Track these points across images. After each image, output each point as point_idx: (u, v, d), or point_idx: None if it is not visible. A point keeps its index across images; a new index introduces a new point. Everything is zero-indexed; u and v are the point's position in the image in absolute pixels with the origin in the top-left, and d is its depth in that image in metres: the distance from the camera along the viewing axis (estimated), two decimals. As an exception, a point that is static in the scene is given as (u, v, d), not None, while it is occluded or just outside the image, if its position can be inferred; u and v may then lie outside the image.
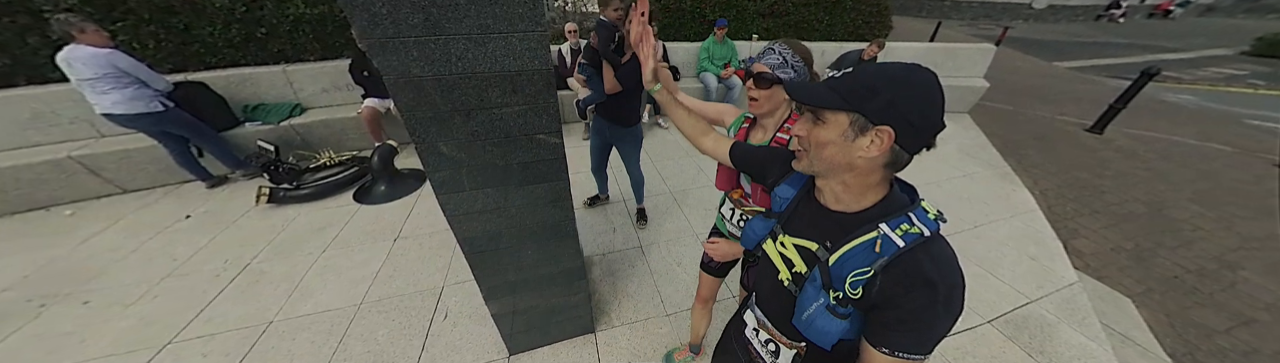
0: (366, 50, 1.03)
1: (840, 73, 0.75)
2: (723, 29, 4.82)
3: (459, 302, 2.34)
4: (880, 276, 0.72)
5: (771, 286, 0.95)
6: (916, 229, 0.72)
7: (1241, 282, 3.00)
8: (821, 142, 0.75)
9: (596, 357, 2.07)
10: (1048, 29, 15.70)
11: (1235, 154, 5.45)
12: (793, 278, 0.88)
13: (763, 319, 1.01)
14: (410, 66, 1.06)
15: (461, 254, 2.40)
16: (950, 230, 3.03)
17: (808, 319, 0.83)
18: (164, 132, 3.26)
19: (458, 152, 1.24)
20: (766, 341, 1.01)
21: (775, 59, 1.28)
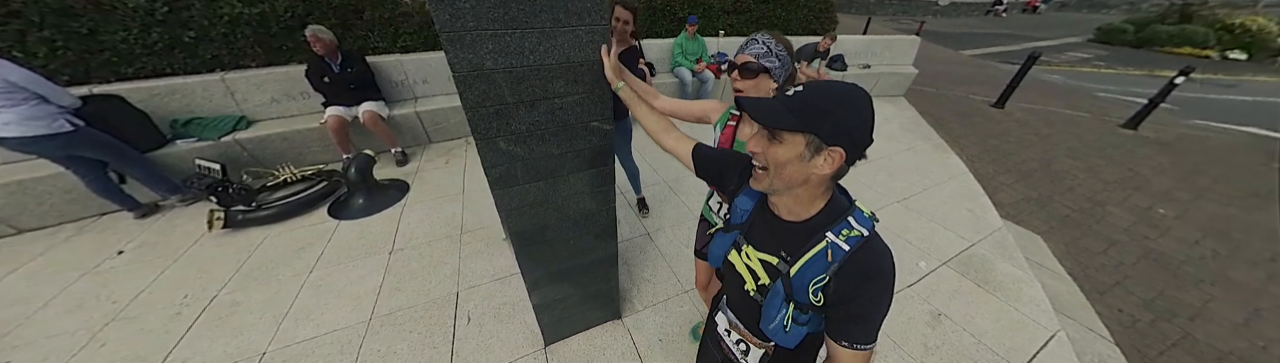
0: (445, 44, 0.88)
1: (791, 91, 0.69)
2: (693, 26, 4.58)
3: (479, 304, 2.02)
4: (834, 279, 0.70)
5: (739, 294, 0.89)
6: (856, 232, 0.71)
7: (1108, 215, 3.46)
8: (780, 161, 0.70)
9: (629, 338, 1.89)
10: (950, 23, 16.00)
11: (1092, 119, 6.02)
12: (758, 289, 0.83)
13: (734, 321, 0.94)
14: (484, 60, 0.95)
15: (469, 260, 2.30)
16: (907, 194, 3.27)
17: (774, 328, 0.79)
18: (73, 156, 2.41)
19: (514, 146, 1.12)
20: (737, 341, 0.95)
21: (759, 48, 1.12)
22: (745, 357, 0.93)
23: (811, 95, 0.66)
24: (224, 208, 2.62)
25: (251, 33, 3.25)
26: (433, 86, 3.89)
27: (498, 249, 2.38)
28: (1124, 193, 3.82)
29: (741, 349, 0.94)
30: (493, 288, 2.10)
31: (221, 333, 1.87)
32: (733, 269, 0.88)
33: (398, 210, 2.80)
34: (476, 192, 3.01)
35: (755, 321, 0.85)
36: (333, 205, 2.83)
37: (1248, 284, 2.69)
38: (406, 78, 3.75)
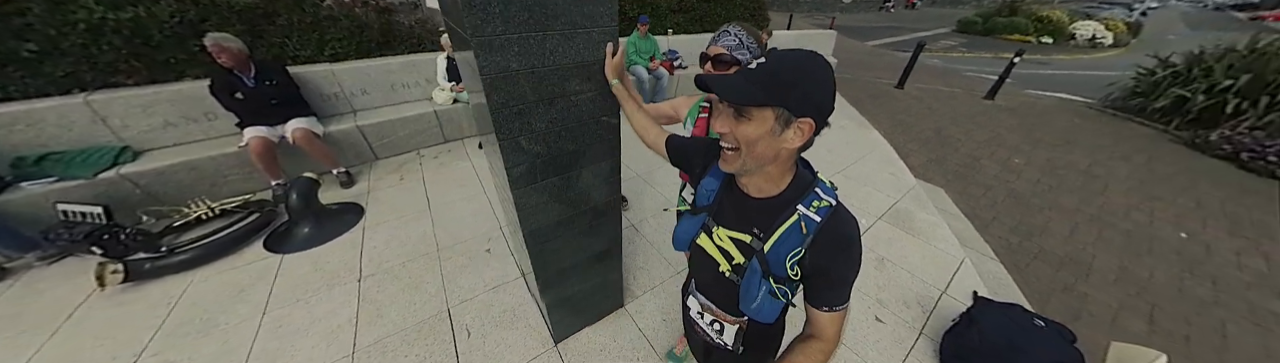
0: (475, 48, 0.80)
1: (755, 63, 0.60)
2: (645, 25, 4.36)
3: (476, 316, 1.78)
4: (809, 251, 0.64)
5: (712, 276, 0.79)
6: (825, 202, 0.64)
7: (982, 167, 3.94)
8: (752, 139, 0.61)
9: (634, 323, 1.78)
10: (852, 18, 16.48)
11: (963, 93, 6.61)
12: (733, 269, 0.74)
13: (706, 304, 0.87)
14: (511, 62, 0.88)
15: (454, 275, 1.98)
16: (844, 166, 3.48)
17: (755, 306, 0.72)
18: None
19: (534, 144, 1.05)
20: (711, 321, 0.87)
21: (732, 41, 1.00)
22: (721, 336, 0.86)
23: (775, 67, 0.58)
24: (117, 259, 1.92)
25: (123, 43, 2.37)
26: (373, 97, 3.25)
27: (483, 261, 2.10)
28: (991, 149, 4.41)
29: (716, 329, 0.87)
30: (488, 298, 1.88)
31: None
32: (703, 253, 0.79)
33: (357, 235, 2.28)
34: (444, 206, 2.58)
35: (733, 301, 0.76)
36: (269, 239, 2.21)
37: (1069, 207, 3.33)
38: (341, 90, 3.08)
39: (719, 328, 0.85)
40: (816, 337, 0.69)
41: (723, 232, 0.73)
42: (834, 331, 0.68)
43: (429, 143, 3.45)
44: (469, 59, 0.88)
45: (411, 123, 3.20)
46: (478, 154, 3.31)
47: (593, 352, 1.63)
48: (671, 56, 4.86)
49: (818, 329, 0.69)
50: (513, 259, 2.09)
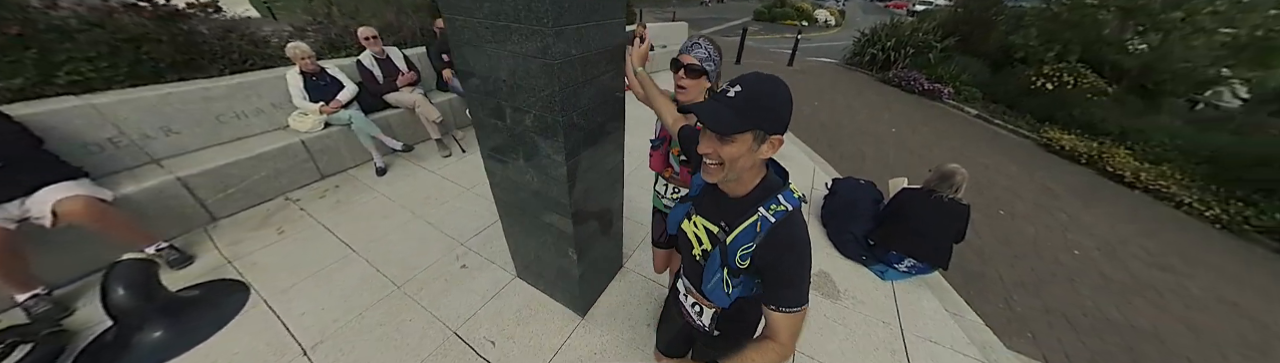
0: (552, 38, 0.81)
1: (731, 92, 0.60)
2: None
3: (490, 327, 1.53)
4: (758, 247, 0.65)
5: (690, 259, 0.80)
6: (783, 207, 0.65)
7: (819, 115, 4.84)
8: (734, 156, 0.62)
9: (641, 276, 1.76)
10: (683, 11, 17.01)
11: (775, 64, 7.68)
12: (702, 254, 0.76)
13: (689, 286, 0.86)
14: (572, 48, 0.91)
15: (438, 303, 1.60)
16: None
17: (711, 287, 0.73)
18: None
19: (582, 118, 1.07)
20: (692, 303, 0.86)
21: (703, 53, 0.98)
22: (700, 317, 0.84)
23: (751, 95, 0.59)
24: None
25: None
26: (188, 137, 2.03)
27: (465, 277, 1.76)
28: (801, 97, 5.43)
29: (696, 311, 0.85)
30: (493, 308, 1.61)
31: None
32: (685, 236, 0.79)
33: (259, 314, 1.53)
34: (375, 242, 1.94)
35: (699, 281, 0.76)
36: (94, 358, 1.31)
37: (874, 133, 4.48)
38: (120, 132, 1.82)
39: (699, 310, 0.84)
40: (771, 338, 0.66)
41: (699, 219, 0.74)
42: (786, 334, 0.65)
43: (302, 182, 2.34)
44: (528, 51, 0.88)
45: (269, 161, 2.13)
46: (387, 182, 2.48)
47: (618, 311, 1.58)
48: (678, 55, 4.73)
49: (772, 331, 0.66)
50: (496, 265, 1.81)
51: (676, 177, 1.19)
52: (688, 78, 0.99)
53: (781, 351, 0.65)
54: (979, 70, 6.72)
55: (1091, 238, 3.03)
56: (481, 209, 2.26)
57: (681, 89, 1.02)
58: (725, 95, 0.60)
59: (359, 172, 2.61)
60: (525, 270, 1.69)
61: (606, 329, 1.52)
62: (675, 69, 1.01)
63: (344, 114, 2.43)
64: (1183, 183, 3.88)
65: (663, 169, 1.22)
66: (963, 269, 2.29)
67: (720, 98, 0.61)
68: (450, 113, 2.97)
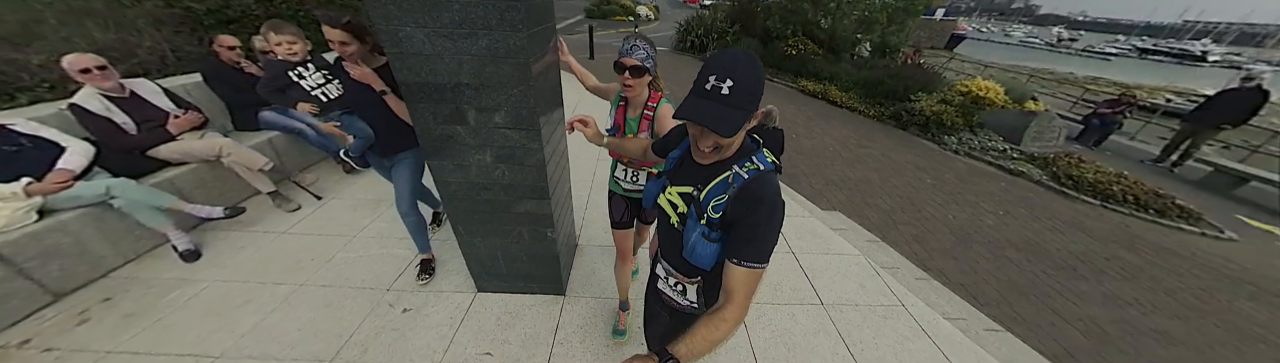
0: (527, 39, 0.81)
1: (725, 86, 0.49)
2: None
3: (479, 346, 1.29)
4: (730, 200, 0.58)
5: (666, 230, 0.72)
6: (755, 166, 0.59)
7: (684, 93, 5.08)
8: (732, 141, 0.57)
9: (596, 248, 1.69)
10: None
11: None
12: (679, 218, 0.67)
13: (668, 269, 0.75)
14: (535, 48, 0.90)
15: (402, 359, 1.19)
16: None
17: (691, 248, 0.64)
18: None
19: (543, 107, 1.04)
20: (675, 283, 0.74)
21: (642, 53, 0.94)
22: (685, 296, 0.73)
23: (747, 86, 0.50)
24: None
25: None
26: None
27: (415, 321, 1.39)
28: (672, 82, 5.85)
29: (678, 291, 0.74)
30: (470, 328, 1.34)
31: None
32: (660, 209, 0.71)
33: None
34: (262, 325, 1.34)
35: (679, 250, 0.67)
36: None
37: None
38: None
39: (681, 289, 0.73)
40: (727, 302, 0.56)
41: (673, 188, 0.67)
42: (743, 292, 0.55)
43: (12, 319, 1.27)
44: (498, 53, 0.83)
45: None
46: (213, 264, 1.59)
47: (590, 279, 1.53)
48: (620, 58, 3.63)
49: (729, 289, 0.57)
50: (447, 292, 1.50)
51: (635, 161, 1.11)
52: (633, 77, 0.95)
53: (736, 314, 0.54)
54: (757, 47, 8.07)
55: (832, 138, 4.36)
56: (390, 250, 1.71)
57: (629, 87, 0.99)
58: (719, 93, 0.49)
59: (142, 268, 1.55)
60: (488, 279, 1.46)
61: (589, 297, 1.47)
62: (619, 71, 0.95)
63: (87, 188, 1.39)
64: (859, 100, 5.80)
65: (621, 156, 1.13)
66: (791, 168, 3.27)
67: (714, 97, 0.50)
68: (277, 155, 2.04)
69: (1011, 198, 3.29)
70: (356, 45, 1.11)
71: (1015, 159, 4.03)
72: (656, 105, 1.02)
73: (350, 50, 1.11)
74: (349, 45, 1.11)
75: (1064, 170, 3.64)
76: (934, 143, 4.56)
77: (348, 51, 1.11)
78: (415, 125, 1.08)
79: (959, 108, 4.70)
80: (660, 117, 1.01)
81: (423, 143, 1.09)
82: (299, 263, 1.66)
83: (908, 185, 3.32)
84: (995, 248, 2.51)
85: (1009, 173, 3.83)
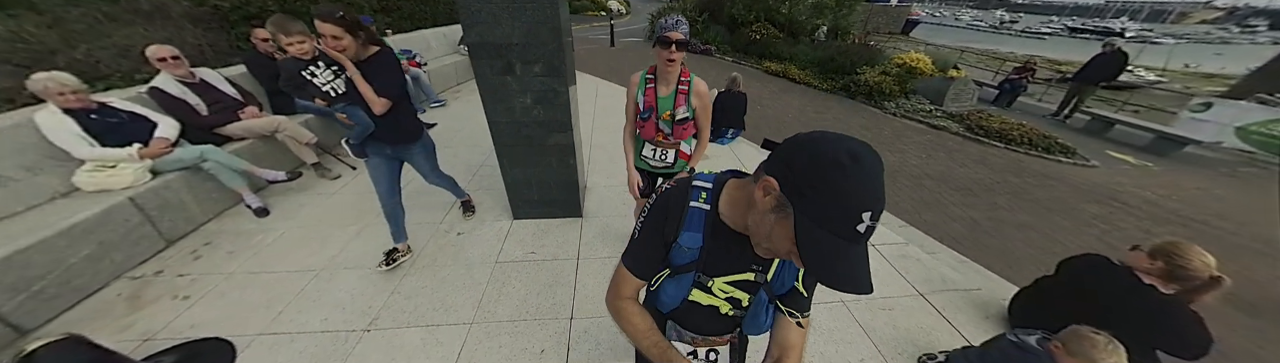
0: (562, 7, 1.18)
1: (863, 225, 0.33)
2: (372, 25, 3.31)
3: (524, 250, 1.60)
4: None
5: (709, 318, 0.57)
6: None
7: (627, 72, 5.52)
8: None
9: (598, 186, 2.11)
10: None
11: (600, 48, 8.10)
12: (732, 306, 0.55)
13: (697, 338, 0.60)
14: (563, 14, 1.36)
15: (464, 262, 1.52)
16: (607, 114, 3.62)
17: (758, 324, 0.54)
18: None
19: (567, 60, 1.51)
20: (707, 351, 0.61)
21: (686, 28, 0.98)
22: (717, 357, 0.61)
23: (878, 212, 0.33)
24: None
25: None
26: None
27: (469, 241, 1.69)
28: (631, 65, 5.69)
29: (712, 360, 0.61)
30: (513, 241, 1.65)
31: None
32: (698, 306, 0.55)
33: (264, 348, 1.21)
34: (347, 248, 1.66)
35: (729, 328, 0.57)
36: None
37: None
38: None
39: (715, 355, 0.60)
40: (786, 357, 0.50)
41: (720, 281, 0.51)
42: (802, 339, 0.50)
43: (142, 257, 1.57)
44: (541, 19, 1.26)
45: (89, 235, 1.40)
46: (283, 218, 1.88)
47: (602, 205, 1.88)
48: (409, 55, 3.81)
49: (789, 343, 0.50)
50: (489, 221, 1.86)
51: (666, 140, 1.14)
52: (677, 51, 0.98)
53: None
54: (724, 33, 8.57)
55: (791, 107, 5.04)
56: (430, 198, 1.98)
57: (671, 62, 1.00)
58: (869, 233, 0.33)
59: (224, 223, 1.86)
60: (522, 207, 1.84)
61: (602, 216, 1.89)
62: (666, 45, 0.95)
63: (186, 152, 1.70)
64: (815, 76, 6.48)
65: (654, 136, 1.15)
66: (755, 131, 3.76)
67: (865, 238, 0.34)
68: (320, 132, 2.32)
69: (935, 146, 4.09)
70: (349, 39, 1.11)
71: (938, 117, 4.81)
72: (690, 80, 1.07)
73: (343, 44, 1.11)
74: (341, 39, 1.10)
75: (976, 123, 4.47)
76: (877, 108, 5.32)
77: (341, 45, 1.11)
78: (476, 77, 1.50)
79: (896, 78, 5.44)
80: (696, 91, 1.09)
81: (482, 91, 1.52)
82: (359, 213, 1.98)
83: (853, 141, 4.13)
84: (915, 179, 3.26)
85: (933, 128, 4.61)
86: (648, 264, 0.52)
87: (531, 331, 1.31)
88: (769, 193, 0.36)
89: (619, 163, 2.46)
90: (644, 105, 1.12)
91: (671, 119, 1.12)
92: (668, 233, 0.49)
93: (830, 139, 0.34)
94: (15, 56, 1.85)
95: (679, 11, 8.92)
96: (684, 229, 0.48)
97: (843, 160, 0.32)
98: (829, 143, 0.34)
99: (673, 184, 0.49)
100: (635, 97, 1.14)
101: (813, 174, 0.33)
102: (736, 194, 0.46)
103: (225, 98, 2.01)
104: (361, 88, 1.21)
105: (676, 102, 1.10)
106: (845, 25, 8.50)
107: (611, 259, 1.69)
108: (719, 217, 0.47)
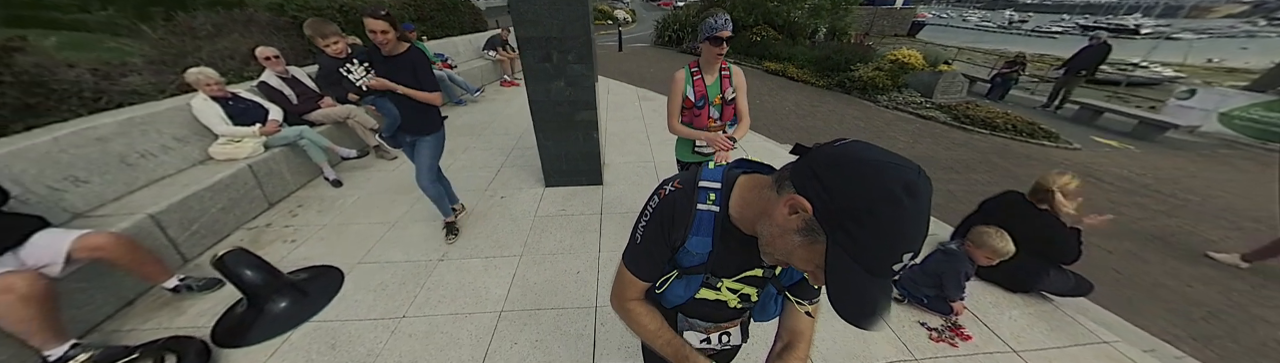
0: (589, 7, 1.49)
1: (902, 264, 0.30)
2: (413, 32, 3.91)
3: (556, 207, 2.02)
4: None
5: (715, 309, 0.53)
6: None
7: (648, 74, 6.05)
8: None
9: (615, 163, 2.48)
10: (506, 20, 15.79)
11: (609, 52, 9.01)
12: (740, 300, 0.52)
13: (708, 326, 0.57)
14: (589, 13, 1.80)
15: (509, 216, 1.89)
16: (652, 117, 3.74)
17: (767, 313, 0.53)
18: None
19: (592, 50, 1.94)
20: (719, 335, 0.58)
21: (732, 25, 1.07)
22: (731, 339, 0.58)
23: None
24: None
25: None
26: (102, 185, 1.57)
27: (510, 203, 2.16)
28: (645, 68, 6.57)
29: (723, 341, 0.58)
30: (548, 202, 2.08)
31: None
32: (706, 301, 0.52)
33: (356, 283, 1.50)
34: (413, 208, 1.98)
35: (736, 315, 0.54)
36: (232, 326, 1.30)
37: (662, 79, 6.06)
38: (26, 189, 1.37)
39: (727, 337, 0.57)
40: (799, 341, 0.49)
41: (730, 282, 0.48)
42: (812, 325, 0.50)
43: (253, 213, 1.94)
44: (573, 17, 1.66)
45: (224, 191, 1.78)
46: (355, 188, 2.27)
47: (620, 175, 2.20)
48: (442, 59, 4.30)
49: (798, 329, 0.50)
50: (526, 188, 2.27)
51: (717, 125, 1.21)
52: (727, 46, 1.08)
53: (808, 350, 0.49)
54: (724, 37, 9.24)
55: (790, 102, 5.42)
56: (474, 173, 2.47)
57: (719, 55, 1.11)
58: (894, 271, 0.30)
59: (309, 192, 2.28)
60: (553, 176, 2.20)
61: (619, 185, 2.24)
62: (717, 43, 1.03)
63: (290, 132, 2.18)
64: (812, 74, 6.84)
65: (707, 123, 1.21)
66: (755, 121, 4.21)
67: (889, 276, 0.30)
68: (377, 120, 2.73)
69: (923, 133, 4.38)
70: (393, 33, 1.24)
71: (928, 108, 5.08)
72: (729, 67, 1.22)
73: (389, 38, 1.23)
74: (388, 33, 1.23)
75: (963, 113, 4.73)
76: (870, 101, 5.64)
77: (388, 38, 1.23)
78: (522, 63, 1.93)
79: (888, 73, 5.74)
80: (736, 76, 1.24)
81: (526, 76, 1.92)
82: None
83: (845, 130, 4.38)
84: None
85: (922, 118, 4.90)
86: (652, 268, 0.48)
87: (568, 260, 1.69)
88: (796, 213, 0.31)
89: (630, 143, 3.03)
90: (696, 95, 1.19)
91: (722, 103, 1.24)
92: (674, 239, 0.44)
93: (884, 166, 0.29)
94: (164, 56, 2.46)
95: (683, 17, 9.64)
96: (692, 234, 0.43)
97: (898, 196, 0.27)
98: (885, 171, 0.28)
99: (677, 186, 0.43)
100: (683, 90, 1.20)
101: (860, 207, 0.28)
102: (749, 196, 0.40)
103: (308, 90, 2.49)
104: (417, 95, 1.37)
105: (723, 86, 1.23)
106: (842, 26, 8.94)
107: (629, 215, 2.03)
108: (729, 219, 0.41)
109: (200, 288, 1.43)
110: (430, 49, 4.26)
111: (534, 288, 1.50)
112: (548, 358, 1.18)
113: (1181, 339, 1.45)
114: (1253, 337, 1.52)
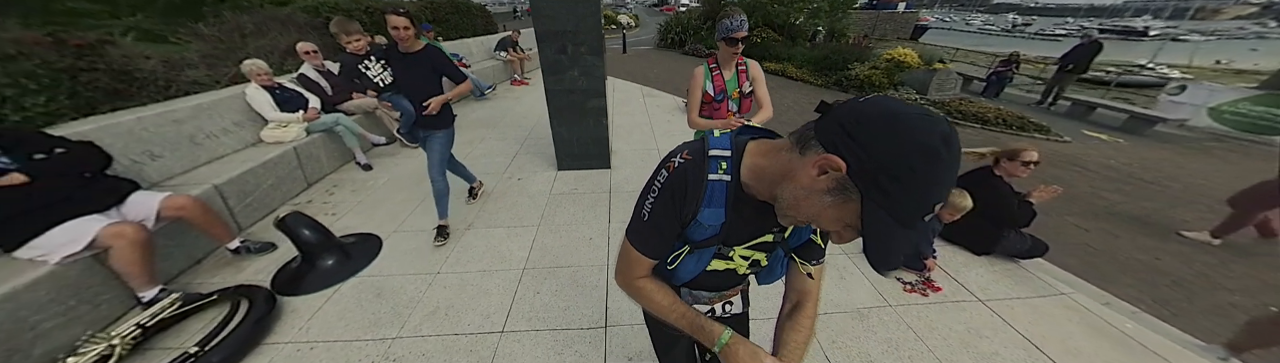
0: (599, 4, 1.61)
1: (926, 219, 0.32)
2: (431, 32, 4.15)
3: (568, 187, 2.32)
4: None
5: (724, 278, 0.53)
6: None
7: (656, 74, 6.38)
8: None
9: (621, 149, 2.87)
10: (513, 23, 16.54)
11: (614, 54, 9.32)
12: (750, 266, 0.52)
13: (711, 297, 0.57)
14: (598, 9, 2.03)
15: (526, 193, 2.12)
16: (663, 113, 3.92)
17: (773, 276, 0.53)
18: None
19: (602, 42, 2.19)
20: (722, 304, 0.59)
21: (747, 25, 1.10)
22: (731, 308, 0.59)
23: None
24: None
25: None
26: (172, 161, 1.79)
27: (526, 183, 2.37)
28: (653, 69, 6.76)
29: (725, 308, 0.59)
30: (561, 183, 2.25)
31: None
32: (716, 272, 0.51)
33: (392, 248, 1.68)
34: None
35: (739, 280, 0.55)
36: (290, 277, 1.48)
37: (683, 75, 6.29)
38: (116, 159, 1.52)
39: (729, 306, 0.59)
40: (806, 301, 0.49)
41: (742, 250, 0.48)
42: (818, 285, 0.49)
43: (295, 191, 2.18)
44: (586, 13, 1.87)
45: (274, 169, 2.02)
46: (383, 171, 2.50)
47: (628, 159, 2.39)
48: (458, 58, 4.49)
49: (805, 289, 0.50)
50: (539, 171, 2.46)
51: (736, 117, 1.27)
52: (743, 45, 1.11)
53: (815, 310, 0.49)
54: (725, 39, 9.53)
55: (789, 100, 5.61)
56: (492, 159, 2.65)
57: (735, 54, 1.17)
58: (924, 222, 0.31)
59: (342, 174, 2.49)
60: (566, 160, 2.38)
61: (626, 168, 2.41)
62: (732, 44, 1.06)
63: (328, 118, 2.41)
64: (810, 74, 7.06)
65: (727, 116, 1.30)
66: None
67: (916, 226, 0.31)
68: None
69: None
70: (413, 29, 1.32)
71: (921, 105, 5.24)
72: (746, 62, 1.28)
73: (411, 33, 1.31)
74: (409, 29, 1.30)
75: (955, 108, 4.89)
76: (867, 99, 5.91)
77: (408, 35, 1.30)
78: (540, 55, 2.15)
79: (884, 71, 5.94)
80: (753, 69, 1.31)
81: (543, 66, 2.14)
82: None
83: (842, 124, 4.64)
84: (893, 151, 3.79)
85: (918, 113, 5.12)
86: (661, 245, 0.47)
87: (582, 229, 1.90)
88: (826, 173, 0.31)
89: (635, 134, 3.28)
90: (715, 90, 1.25)
91: (739, 96, 1.31)
92: (686, 213, 0.42)
93: (917, 118, 0.28)
94: (217, 51, 2.77)
95: (685, 20, 10.03)
96: (704, 206, 0.41)
97: (937, 148, 0.27)
98: (919, 123, 0.28)
99: (687, 157, 0.41)
100: (703, 86, 1.27)
101: (899, 162, 0.27)
102: (762, 163, 0.39)
103: (341, 82, 2.69)
104: (452, 95, 1.51)
105: (741, 80, 1.31)
106: (841, 28, 9.18)
107: (637, 193, 2.38)
108: (742, 187, 0.40)
109: (256, 250, 1.66)
110: (447, 49, 4.49)
111: (552, 251, 1.71)
112: (567, 304, 1.38)
113: (1141, 301, 1.54)
114: (1210, 300, 1.63)
